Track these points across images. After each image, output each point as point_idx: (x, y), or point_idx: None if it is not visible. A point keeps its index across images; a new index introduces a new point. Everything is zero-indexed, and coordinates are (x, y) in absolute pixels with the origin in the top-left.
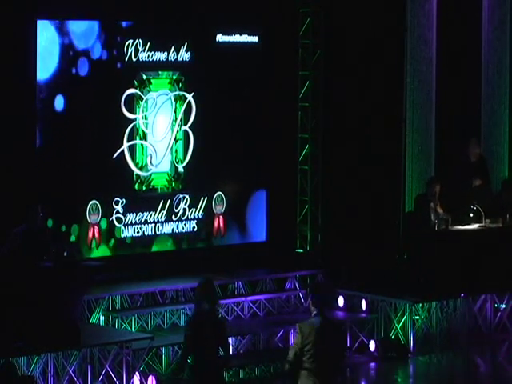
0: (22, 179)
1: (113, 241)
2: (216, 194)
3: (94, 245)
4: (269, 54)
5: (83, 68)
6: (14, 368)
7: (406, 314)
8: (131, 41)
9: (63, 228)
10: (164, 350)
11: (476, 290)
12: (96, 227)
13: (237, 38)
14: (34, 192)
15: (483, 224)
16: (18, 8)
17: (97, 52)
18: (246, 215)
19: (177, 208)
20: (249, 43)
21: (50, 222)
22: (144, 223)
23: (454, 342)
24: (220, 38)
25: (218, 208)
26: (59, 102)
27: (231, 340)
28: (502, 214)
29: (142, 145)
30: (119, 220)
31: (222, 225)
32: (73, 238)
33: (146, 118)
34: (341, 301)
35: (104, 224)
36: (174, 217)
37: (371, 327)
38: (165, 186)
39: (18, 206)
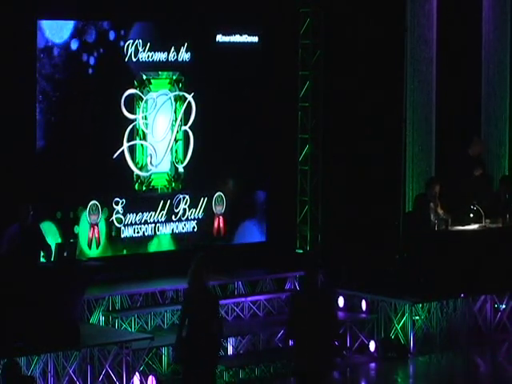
0: (22, 179)
1: (113, 241)
2: (216, 195)
3: (94, 245)
4: (269, 54)
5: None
6: (19, 367)
7: (406, 314)
8: (131, 41)
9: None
10: (164, 350)
11: (476, 290)
12: (96, 227)
13: (237, 38)
14: (34, 192)
15: (483, 224)
16: (18, 8)
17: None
18: (245, 215)
19: (177, 208)
20: (249, 43)
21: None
22: (144, 223)
23: (453, 342)
24: (220, 38)
25: (218, 208)
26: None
27: (231, 340)
28: (502, 214)
29: (141, 145)
30: (119, 220)
31: (221, 225)
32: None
33: (145, 119)
34: (341, 301)
35: (104, 224)
36: (174, 217)
37: (371, 327)
38: (165, 186)
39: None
